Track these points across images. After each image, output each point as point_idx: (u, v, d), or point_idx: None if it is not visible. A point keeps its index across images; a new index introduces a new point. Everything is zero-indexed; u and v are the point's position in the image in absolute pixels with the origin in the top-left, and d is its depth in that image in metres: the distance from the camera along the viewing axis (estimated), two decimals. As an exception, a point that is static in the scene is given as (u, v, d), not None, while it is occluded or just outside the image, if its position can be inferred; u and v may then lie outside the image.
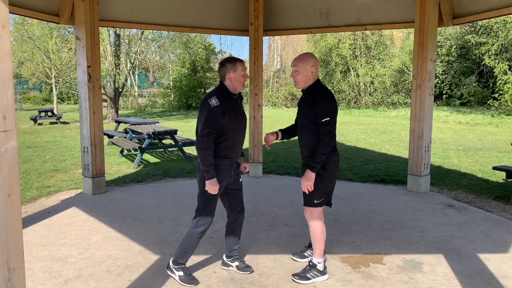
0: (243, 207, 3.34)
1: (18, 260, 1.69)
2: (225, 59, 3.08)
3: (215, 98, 2.95)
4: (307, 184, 3.05)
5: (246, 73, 3.08)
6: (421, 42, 5.56)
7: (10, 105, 1.62)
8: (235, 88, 3.06)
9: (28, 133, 13.58)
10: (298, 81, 3.13)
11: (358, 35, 23.49)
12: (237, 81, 3.03)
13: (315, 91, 3.10)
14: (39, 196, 5.73)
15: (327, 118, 2.99)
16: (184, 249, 3.12)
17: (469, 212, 4.92)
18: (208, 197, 3.04)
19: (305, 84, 3.13)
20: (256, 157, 6.82)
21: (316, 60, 3.11)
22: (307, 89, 3.14)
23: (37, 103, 30.80)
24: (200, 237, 3.11)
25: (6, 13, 1.60)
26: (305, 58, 3.09)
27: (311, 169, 3.02)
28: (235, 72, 3.01)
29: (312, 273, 3.18)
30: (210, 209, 3.08)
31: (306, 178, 3.04)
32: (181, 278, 3.12)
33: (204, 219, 3.06)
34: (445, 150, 9.58)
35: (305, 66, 3.07)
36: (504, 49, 18.08)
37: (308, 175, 3.03)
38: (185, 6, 6.32)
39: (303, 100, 3.19)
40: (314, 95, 3.07)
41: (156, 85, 32.74)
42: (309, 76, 3.10)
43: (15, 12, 4.77)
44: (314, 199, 3.13)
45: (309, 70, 3.08)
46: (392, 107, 22.51)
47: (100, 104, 5.72)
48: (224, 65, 3.04)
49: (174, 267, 3.16)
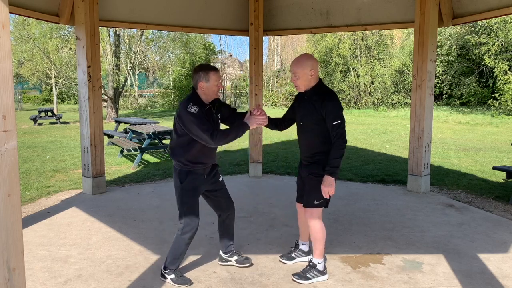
0: (231, 203, 3.33)
1: (18, 260, 1.69)
2: (199, 65, 3.00)
3: (192, 106, 2.88)
4: (328, 190, 3.03)
5: (220, 83, 2.99)
6: (421, 42, 5.56)
7: (10, 105, 1.62)
8: (207, 98, 3.00)
9: (28, 133, 13.58)
10: (299, 85, 3.11)
11: (358, 35, 23.49)
12: (209, 90, 2.96)
13: (319, 92, 3.08)
14: (39, 196, 5.73)
15: (338, 121, 2.97)
16: (174, 256, 3.12)
17: (469, 212, 4.92)
18: (187, 202, 3.02)
19: (307, 87, 3.12)
20: (256, 157, 6.82)
21: (314, 62, 3.07)
22: (310, 90, 3.12)
23: (37, 103, 30.79)
24: (188, 243, 3.10)
25: (6, 13, 1.60)
26: (303, 62, 3.05)
27: (331, 174, 2.99)
28: (207, 82, 2.94)
29: (312, 273, 3.18)
30: (192, 214, 3.05)
31: (327, 184, 3.01)
32: (173, 280, 3.12)
33: (189, 225, 3.04)
34: (445, 150, 9.58)
35: (303, 71, 3.04)
36: (504, 49, 18.07)
37: (329, 181, 3.01)
38: (185, 6, 6.32)
39: (306, 100, 3.14)
40: (320, 97, 3.04)
41: (156, 85, 32.74)
42: (309, 79, 3.08)
43: (15, 12, 4.77)
44: (315, 200, 3.13)
45: (308, 73, 3.05)
46: (392, 107, 22.51)
47: (100, 104, 5.72)
48: (197, 72, 2.95)
49: (165, 271, 3.16)
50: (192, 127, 2.85)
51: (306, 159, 3.22)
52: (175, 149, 3.04)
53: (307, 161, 3.22)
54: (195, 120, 2.83)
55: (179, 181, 3.03)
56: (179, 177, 3.03)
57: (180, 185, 3.02)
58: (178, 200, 3.07)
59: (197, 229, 3.09)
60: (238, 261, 3.41)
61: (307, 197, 3.17)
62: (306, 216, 3.22)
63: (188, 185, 3.03)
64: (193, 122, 2.84)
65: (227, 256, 3.43)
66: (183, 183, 3.02)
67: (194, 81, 2.98)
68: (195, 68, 3.00)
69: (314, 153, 3.14)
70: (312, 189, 3.13)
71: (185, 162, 3.01)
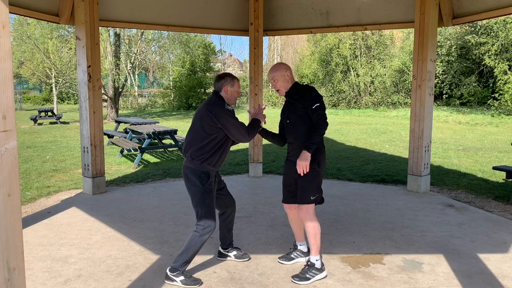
0: (233, 200, 3.48)
1: (18, 260, 1.69)
2: (225, 73, 3.32)
3: (228, 105, 3.16)
4: (303, 164, 3.06)
5: (240, 91, 3.31)
6: (421, 42, 5.56)
7: (10, 105, 1.62)
8: (229, 100, 3.25)
9: (28, 133, 13.58)
10: (280, 88, 3.33)
11: (358, 35, 23.49)
12: (232, 95, 3.24)
13: (297, 88, 3.31)
14: (39, 196, 5.73)
15: (317, 103, 3.14)
16: (188, 257, 3.11)
17: (469, 212, 4.92)
18: (209, 204, 3.11)
19: (286, 88, 3.34)
20: (256, 157, 6.82)
21: (288, 66, 3.39)
22: (289, 91, 3.34)
23: (37, 103, 30.80)
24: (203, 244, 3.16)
25: (6, 13, 1.60)
26: (278, 67, 3.32)
27: (308, 149, 3.06)
28: (232, 87, 3.23)
29: (311, 273, 3.19)
30: (213, 215, 3.14)
31: (303, 158, 3.06)
32: (183, 282, 3.09)
33: (210, 226, 3.10)
34: (445, 150, 9.58)
35: (280, 73, 3.28)
36: (504, 49, 18.08)
37: (305, 155, 3.06)
38: (185, 6, 6.32)
39: (288, 101, 3.36)
40: (299, 92, 3.26)
41: (156, 85, 32.74)
42: (286, 79, 3.30)
43: (15, 12, 4.77)
44: (310, 196, 3.16)
45: (285, 74, 3.29)
46: (392, 107, 22.52)
47: (100, 104, 5.72)
48: (223, 78, 3.24)
49: (173, 274, 3.12)
50: (231, 124, 3.07)
51: (296, 154, 3.25)
52: (198, 152, 3.12)
53: (297, 156, 3.23)
54: (233, 118, 3.09)
55: (201, 184, 3.10)
56: (199, 180, 3.11)
57: (202, 188, 3.10)
58: (199, 202, 3.12)
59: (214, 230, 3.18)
60: (236, 256, 3.52)
61: (302, 193, 3.18)
62: (301, 213, 3.20)
63: (209, 187, 3.14)
64: (232, 119, 3.08)
65: (226, 251, 3.53)
66: (205, 186, 3.11)
67: (219, 85, 3.23)
68: (220, 74, 3.28)
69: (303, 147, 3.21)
70: (308, 184, 3.16)
71: (207, 165, 3.14)
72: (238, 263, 3.51)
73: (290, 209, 3.47)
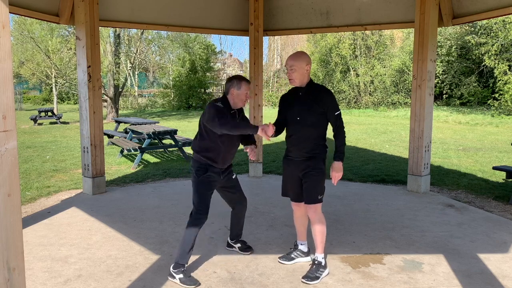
0: (243, 196, 3.58)
1: (18, 260, 1.69)
2: (234, 76, 3.34)
3: (221, 104, 3.19)
4: (338, 175, 3.22)
5: (248, 93, 3.29)
6: (421, 42, 5.56)
7: (10, 105, 1.62)
8: (235, 103, 3.28)
9: (28, 133, 13.58)
10: (294, 79, 3.21)
11: (358, 35, 23.48)
12: (238, 98, 3.26)
13: (316, 87, 3.22)
14: (39, 196, 5.73)
15: (338, 111, 3.19)
16: (184, 249, 3.19)
17: (469, 212, 4.92)
18: (202, 193, 3.22)
19: (301, 82, 3.22)
20: (256, 157, 6.82)
21: (310, 59, 3.23)
22: (306, 87, 3.23)
23: (37, 103, 30.80)
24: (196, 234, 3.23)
25: (6, 13, 1.60)
26: (301, 57, 3.18)
27: (341, 160, 3.19)
28: (238, 90, 3.24)
29: (320, 271, 3.24)
30: (203, 204, 3.22)
31: (338, 169, 3.20)
32: (181, 280, 3.13)
33: (200, 214, 3.20)
34: (445, 150, 9.58)
35: (301, 64, 3.16)
36: (504, 49, 18.07)
37: (339, 166, 3.21)
38: (185, 6, 6.32)
39: (302, 96, 3.22)
40: (319, 92, 3.18)
41: (156, 85, 32.75)
42: (304, 74, 3.20)
43: (15, 12, 4.77)
44: (318, 195, 3.21)
45: (305, 68, 3.17)
46: (392, 107, 22.51)
47: (100, 104, 5.72)
48: (231, 80, 3.29)
49: (174, 271, 3.18)
50: (210, 113, 3.09)
51: (303, 155, 3.24)
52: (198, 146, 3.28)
53: (304, 156, 3.24)
54: (216, 111, 3.09)
55: (196, 175, 3.25)
56: (196, 171, 3.26)
57: (197, 178, 3.24)
58: (193, 190, 3.27)
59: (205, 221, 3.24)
60: (240, 248, 3.71)
61: (310, 193, 3.19)
62: (309, 212, 3.24)
63: (205, 179, 3.24)
64: (213, 111, 3.09)
65: (233, 243, 3.75)
66: (200, 177, 3.24)
67: (227, 87, 3.29)
68: (229, 77, 3.33)
69: (313, 147, 3.21)
70: (316, 184, 3.19)
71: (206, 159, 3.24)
72: (238, 263, 3.51)
73: (298, 207, 3.47)
